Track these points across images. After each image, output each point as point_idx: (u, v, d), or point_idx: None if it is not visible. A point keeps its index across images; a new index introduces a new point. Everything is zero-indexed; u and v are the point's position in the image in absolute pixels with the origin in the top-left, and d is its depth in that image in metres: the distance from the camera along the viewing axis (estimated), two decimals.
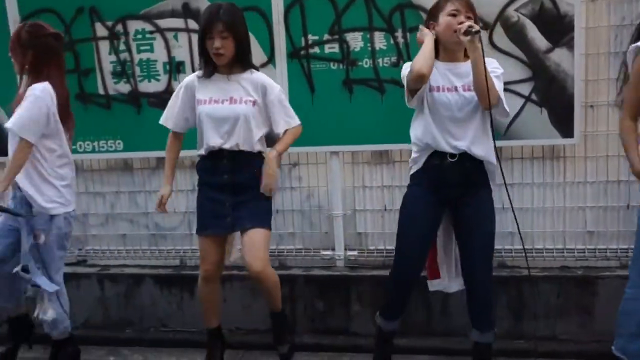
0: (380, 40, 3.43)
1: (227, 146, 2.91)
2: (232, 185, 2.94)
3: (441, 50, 2.76)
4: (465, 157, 2.71)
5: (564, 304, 3.40)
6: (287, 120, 2.99)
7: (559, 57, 3.26)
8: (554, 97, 3.30)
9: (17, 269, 2.99)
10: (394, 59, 3.43)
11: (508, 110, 2.72)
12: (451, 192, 2.77)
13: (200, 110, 2.93)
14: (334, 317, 3.64)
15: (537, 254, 3.55)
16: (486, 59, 2.66)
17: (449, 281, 3.01)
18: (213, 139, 2.91)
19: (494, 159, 2.78)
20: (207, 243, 3.03)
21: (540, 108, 3.33)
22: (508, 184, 3.45)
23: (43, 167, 2.99)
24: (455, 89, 2.71)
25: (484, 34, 3.28)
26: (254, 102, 2.91)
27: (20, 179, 2.95)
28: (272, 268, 3.03)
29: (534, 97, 3.33)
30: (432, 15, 2.74)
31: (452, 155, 2.72)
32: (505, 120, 3.32)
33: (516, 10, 3.26)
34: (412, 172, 2.88)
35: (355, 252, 3.74)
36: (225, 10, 2.81)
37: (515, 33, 3.28)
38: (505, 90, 3.26)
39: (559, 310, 3.41)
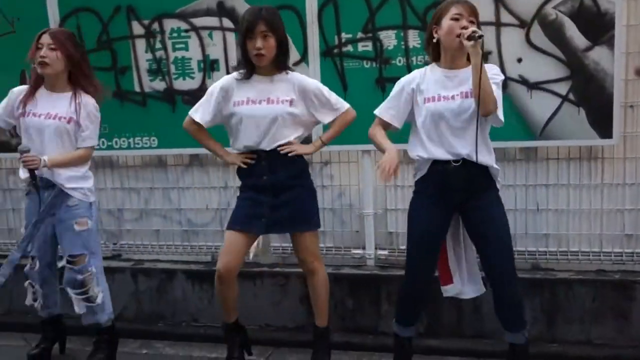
0: (414, 39, 3.41)
1: (264, 146, 2.92)
2: (272, 186, 2.94)
3: (442, 56, 2.74)
4: (469, 163, 2.68)
5: (600, 308, 3.33)
6: (333, 110, 3.00)
7: (598, 55, 3.19)
8: (592, 97, 3.23)
9: (63, 262, 3.16)
10: (427, 58, 3.39)
11: (502, 119, 2.65)
12: (456, 197, 2.74)
13: (237, 111, 2.92)
14: (363, 316, 3.63)
15: (573, 257, 3.48)
16: (487, 64, 2.65)
17: (462, 286, 2.97)
18: (250, 139, 2.92)
19: (495, 164, 2.74)
20: (234, 237, 3.00)
21: (578, 108, 3.26)
22: (543, 185, 3.45)
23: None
24: (452, 97, 2.67)
25: (521, 33, 3.25)
26: (291, 102, 2.91)
27: (59, 173, 3.07)
28: (324, 267, 3.11)
29: (571, 96, 3.26)
30: (436, 19, 2.70)
31: (456, 161, 2.70)
32: (539, 122, 3.28)
33: (554, 7, 3.20)
34: (416, 178, 2.87)
35: (385, 252, 3.72)
36: (267, 11, 2.83)
37: (553, 31, 3.22)
38: (542, 89, 3.26)
39: (595, 315, 3.34)
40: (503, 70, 3.25)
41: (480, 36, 2.49)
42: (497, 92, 2.62)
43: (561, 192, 3.48)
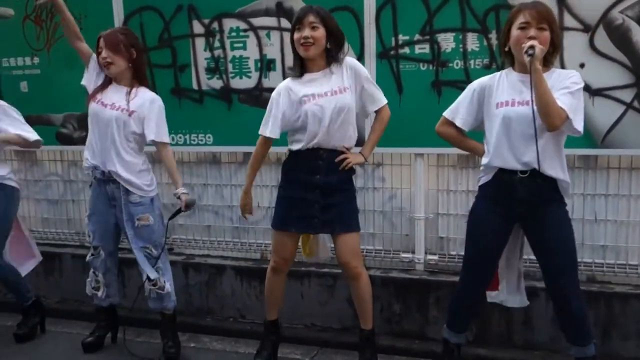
0: (473, 42, 3.36)
1: (325, 144, 2.92)
2: (323, 187, 2.95)
3: (515, 61, 2.68)
4: (537, 174, 2.60)
5: None
6: (377, 101, 3.00)
7: None
8: None
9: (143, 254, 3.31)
10: (486, 61, 3.35)
11: (580, 129, 2.54)
12: (520, 208, 2.67)
13: (304, 109, 2.91)
14: (410, 321, 3.59)
15: (631, 270, 3.35)
16: (566, 71, 2.61)
17: (507, 295, 2.93)
18: (318, 135, 2.90)
19: (567, 177, 2.65)
20: (285, 237, 3.06)
21: None
22: (602, 195, 3.34)
23: (139, 155, 3.32)
24: (527, 102, 2.58)
25: (585, 37, 3.16)
26: (347, 89, 2.91)
27: (122, 170, 3.22)
28: (365, 270, 3.10)
29: (636, 104, 3.15)
30: (509, 25, 2.62)
31: (523, 172, 2.62)
32: (601, 130, 3.19)
33: (621, 12, 3.10)
34: (480, 182, 2.81)
35: (435, 257, 3.68)
36: (318, 7, 2.88)
37: (619, 36, 3.12)
38: (605, 96, 3.16)
39: None
40: None
41: (533, 53, 2.42)
42: (572, 102, 2.51)
43: (621, 202, 3.36)
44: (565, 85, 2.54)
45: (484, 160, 2.77)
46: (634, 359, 3.22)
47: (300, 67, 2.95)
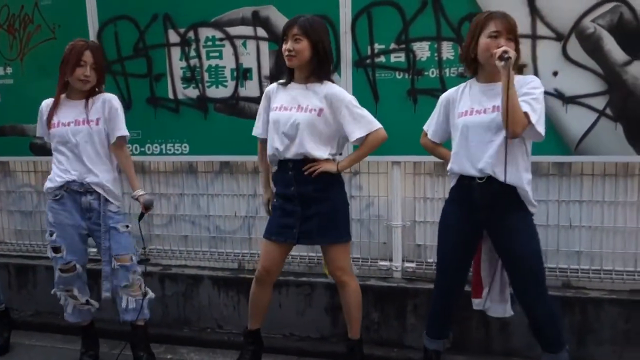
0: (448, 50, 3.38)
1: (290, 156, 2.93)
2: (300, 197, 2.95)
3: (480, 71, 2.71)
4: (494, 180, 2.63)
5: (633, 329, 3.23)
6: (362, 128, 2.93)
7: (637, 70, 3.12)
8: (630, 112, 3.16)
9: (113, 263, 3.22)
10: (461, 69, 3.37)
11: (543, 133, 2.57)
12: (482, 214, 2.69)
13: (271, 116, 2.99)
14: (389, 329, 3.59)
15: (606, 276, 3.39)
16: (526, 76, 2.65)
17: (490, 302, 2.93)
18: (275, 144, 2.96)
19: (525, 185, 2.65)
20: (269, 247, 3.07)
21: (615, 123, 3.19)
22: (576, 201, 3.38)
23: (111, 164, 3.29)
24: (484, 110, 2.64)
25: (558, 46, 3.21)
26: (320, 112, 2.90)
27: (102, 180, 3.18)
28: (355, 279, 3.11)
29: (608, 111, 3.19)
30: (475, 34, 2.64)
31: (480, 178, 2.66)
32: (575, 137, 3.23)
33: (593, 21, 3.15)
34: (451, 185, 2.86)
35: (413, 264, 3.68)
36: (304, 18, 2.89)
37: (591, 44, 3.17)
38: (578, 103, 3.20)
39: (627, 336, 3.24)
40: None
41: (509, 58, 2.45)
42: (536, 106, 2.55)
43: (595, 208, 3.40)
44: (526, 92, 2.57)
45: (448, 166, 2.83)
46: None
47: (290, 76, 2.99)
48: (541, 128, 2.56)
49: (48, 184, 3.25)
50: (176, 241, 4.17)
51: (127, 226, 3.27)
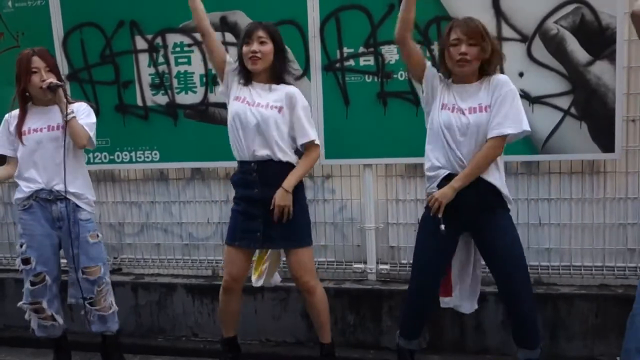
0: None
1: (253, 154, 2.91)
2: (263, 200, 2.93)
3: (452, 74, 2.77)
4: (478, 181, 2.67)
5: (603, 323, 3.30)
6: (306, 134, 2.94)
7: (599, 70, 3.20)
8: (594, 111, 3.24)
9: (78, 274, 3.16)
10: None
11: (527, 128, 2.66)
12: (466, 215, 2.73)
13: (233, 106, 2.95)
14: (365, 331, 3.60)
15: (575, 272, 3.46)
16: (497, 79, 2.68)
17: (460, 300, 2.97)
18: (239, 141, 2.93)
19: (505, 189, 2.74)
20: (233, 253, 3.04)
21: (580, 122, 3.26)
22: (545, 199, 3.44)
23: (85, 171, 3.26)
24: (463, 111, 2.69)
25: (523, 47, 3.26)
26: (280, 109, 2.91)
27: (72, 187, 3.11)
28: (320, 284, 3.09)
29: (573, 110, 3.26)
30: (442, 42, 2.73)
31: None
32: (541, 136, 3.29)
33: (556, 22, 3.22)
34: (428, 190, 2.85)
35: (387, 266, 3.70)
36: (267, 23, 2.93)
37: (555, 46, 3.23)
38: (543, 103, 3.26)
39: (598, 330, 3.31)
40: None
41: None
42: (509, 113, 2.63)
43: (563, 206, 3.47)
44: (495, 103, 2.63)
45: (429, 164, 2.84)
46: (581, 358, 3.32)
47: (248, 79, 2.97)
48: (525, 126, 2.65)
49: (17, 195, 3.19)
50: (148, 250, 4.12)
51: (98, 235, 3.22)
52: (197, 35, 3.69)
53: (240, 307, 3.23)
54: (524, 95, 3.29)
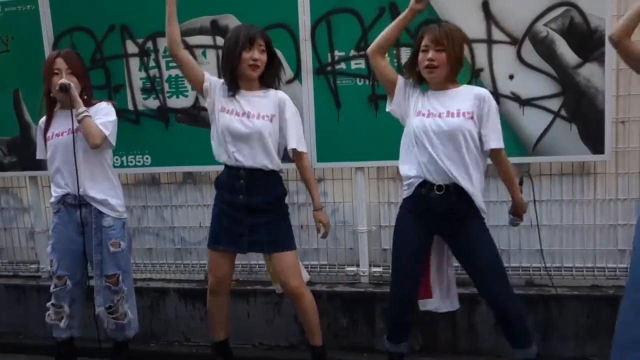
0: (406, 56, 3.38)
1: (243, 163, 2.90)
2: (247, 206, 2.92)
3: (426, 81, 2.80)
4: (452, 190, 2.69)
5: (594, 323, 3.32)
6: (300, 140, 2.96)
7: (589, 72, 3.22)
8: (584, 113, 3.26)
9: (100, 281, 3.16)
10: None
11: (501, 145, 2.71)
12: (438, 223, 2.76)
13: (221, 117, 2.91)
14: (358, 334, 3.60)
15: (567, 273, 3.48)
16: (476, 91, 2.70)
17: (440, 301, 2.98)
18: (229, 150, 2.91)
19: (480, 200, 2.73)
20: (217, 256, 3.04)
21: (570, 124, 3.28)
22: (536, 201, 3.45)
23: (112, 172, 3.22)
24: (439, 115, 2.69)
25: (513, 50, 3.28)
26: (272, 118, 2.91)
27: (95, 192, 3.10)
28: (307, 288, 3.06)
29: (563, 112, 3.28)
30: (415, 46, 2.77)
31: (440, 188, 2.70)
32: (532, 138, 3.31)
33: (545, 25, 3.24)
34: (404, 196, 2.86)
35: (380, 269, 3.71)
36: (262, 30, 2.92)
37: (544, 48, 3.25)
38: (534, 105, 3.28)
39: (589, 330, 3.33)
40: (495, 87, 3.30)
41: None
42: (498, 130, 2.68)
43: (554, 207, 3.49)
44: (486, 116, 2.66)
45: (404, 172, 2.87)
46: (573, 358, 3.33)
47: (234, 86, 2.93)
48: (501, 142, 2.70)
49: (51, 199, 3.20)
50: (140, 254, 4.10)
51: (120, 244, 3.16)
52: (188, 39, 3.70)
53: (230, 310, 3.22)
54: (515, 98, 3.32)
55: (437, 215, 2.73)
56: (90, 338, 3.31)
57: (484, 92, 2.72)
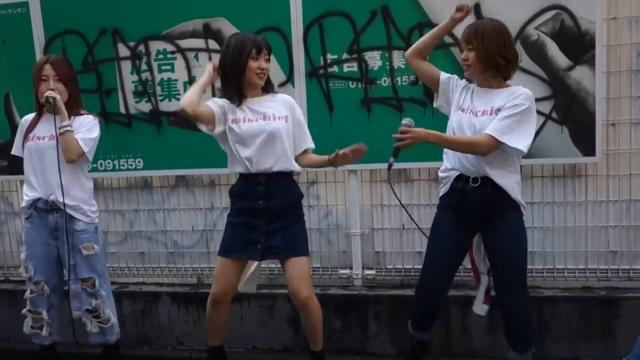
0: (399, 59, 3.44)
1: (263, 168, 2.86)
2: (267, 211, 2.88)
3: None
4: (487, 183, 2.70)
5: (586, 325, 3.33)
6: (310, 141, 2.99)
7: (580, 75, 3.24)
8: (575, 115, 3.28)
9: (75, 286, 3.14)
10: (412, 77, 3.43)
11: (519, 147, 2.60)
12: (475, 216, 2.76)
13: (234, 128, 2.86)
14: (351, 337, 3.60)
15: (559, 274, 3.49)
16: (516, 90, 2.68)
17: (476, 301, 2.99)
18: (247, 157, 2.85)
19: (516, 193, 2.73)
20: (228, 265, 2.95)
21: (561, 126, 3.30)
22: (528, 203, 3.47)
23: (88, 180, 3.21)
24: (476, 113, 2.71)
25: None
26: (287, 119, 2.91)
27: (67, 198, 3.07)
28: (315, 297, 2.97)
29: (554, 115, 3.30)
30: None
31: (475, 180, 2.72)
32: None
33: (536, 28, 3.26)
34: (440, 194, 2.90)
35: (373, 271, 3.71)
36: (266, 40, 2.89)
37: (536, 51, 3.27)
38: None
39: (581, 332, 3.34)
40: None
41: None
42: (500, 125, 2.60)
43: (546, 209, 3.50)
44: (506, 107, 2.63)
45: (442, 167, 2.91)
46: (566, 359, 3.34)
47: (238, 95, 2.88)
48: (515, 143, 2.60)
49: (22, 203, 3.18)
50: (132, 258, 4.09)
51: (94, 247, 3.15)
52: (180, 43, 3.71)
53: (229, 317, 3.20)
54: None
55: (472, 208, 2.74)
56: (68, 342, 3.30)
57: (518, 90, 2.68)
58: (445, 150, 2.85)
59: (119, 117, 3.85)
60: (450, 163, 2.82)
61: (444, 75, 2.90)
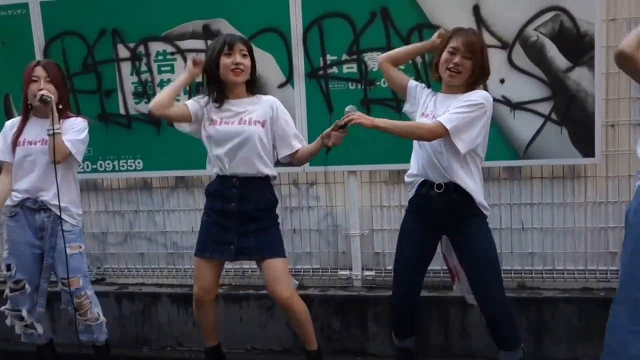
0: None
1: (236, 172, 2.87)
2: (239, 214, 2.89)
3: (442, 81, 2.80)
4: (452, 188, 2.71)
5: (586, 326, 3.33)
6: (298, 137, 2.96)
7: (579, 76, 3.25)
8: (574, 117, 3.28)
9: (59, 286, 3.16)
10: (412, 78, 3.42)
11: (459, 147, 2.61)
12: (439, 221, 2.78)
13: (210, 130, 2.87)
14: (351, 338, 3.60)
15: (558, 275, 3.50)
16: (474, 91, 2.68)
17: (466, 293, 2.99)
18: (222, 161, 2.87)
19: (480, 197, 2.74)
20: (204, 265, 2.98)
21: (560, 127, 3.31)
22: (527, 204, 3.48)
23: (76, 183, 3.22)
24: (436, 117, 2.70)
25: (503, 54, 3.31)
26: (264, 123, 2.88)
27: (56, 199, 3.07)
28: (298, 296, 2.97)
29: (553, 116, 3.31)
30: (441, 45, 2.75)
31: (439, 186, 2.73)
32: (523, 142, 3.33)
33: (535, 29, 3.26)
34: (409, 197, 2.92)
35: (372, 272, 3.71)
36: (242, 36, 2.89)
37: (535, 52, 3.28)
38: (524, 109, 3.31)
39: (581, 333, 3.34)
40: (486, 91, 3.29)
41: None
42: (451, 117, 2.60)
43: (545, 210, 3.51)
44: (461, 101, 2.65)
45: (407, 172, 2.93)
46: None
47: (219, 94, 2.87)
48: (458, 138, 2.61)
49: (7, 202, 3.16)
50: (132, 259, 4.09)
51: (80, 247, 3.18)
52: (180, 44, 3.71)
53: (219, 316, 3.19)
54: (505, 102, 3.34)
55: (438, 213, 2.75)
56: (69, 343, 3.31)
57: (478, 91, 2.70)
58: (411, 156, 2.87)
59: (119, 118, 3.86)
60: (414, 169, 2.84)
61: (412, 83, 2.92)
